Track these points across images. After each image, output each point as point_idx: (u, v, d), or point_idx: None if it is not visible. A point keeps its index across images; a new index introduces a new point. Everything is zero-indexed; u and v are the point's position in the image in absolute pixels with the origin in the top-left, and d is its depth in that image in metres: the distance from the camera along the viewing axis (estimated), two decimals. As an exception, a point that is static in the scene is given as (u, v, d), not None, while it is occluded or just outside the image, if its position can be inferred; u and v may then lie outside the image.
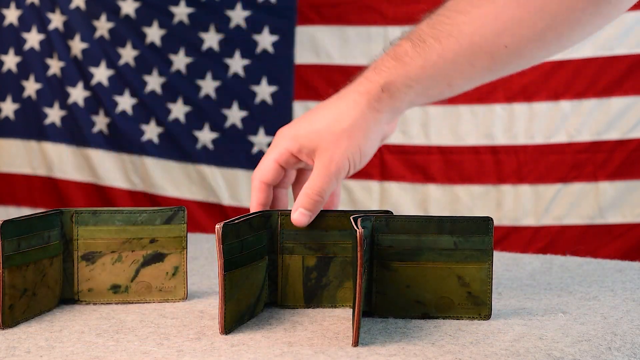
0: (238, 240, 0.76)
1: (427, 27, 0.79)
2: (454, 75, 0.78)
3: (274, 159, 0.81)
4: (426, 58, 0.77)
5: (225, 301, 0.73)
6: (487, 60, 0.77)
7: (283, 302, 0.84)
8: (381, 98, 0.78)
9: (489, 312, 0.79)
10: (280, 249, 0.83)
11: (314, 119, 0.80)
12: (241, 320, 0.77)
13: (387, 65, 0.79)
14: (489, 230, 0.78)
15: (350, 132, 0.78)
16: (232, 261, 0.74)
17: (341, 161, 0.78)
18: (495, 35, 0.75)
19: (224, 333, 0.74)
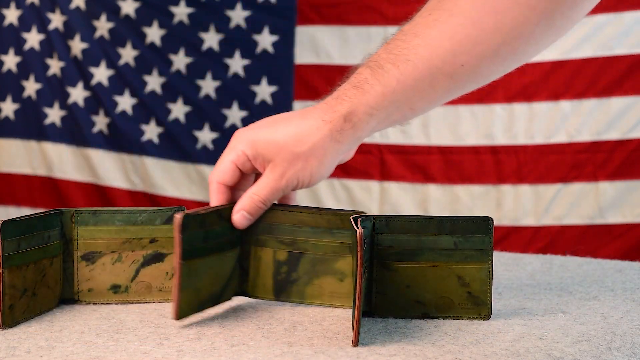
0: (202, 230, 0.77)
1: (384, 53, 0.79)
2: (414, 100, 0.78)
3: (231, 160, 0.81)
4: (385, 84, 0.77)
5: (180, 289, 0.75)
6: (446, 81, 0.77)
7: (253, 293, 0.85)
8: (343, 129, 0.78)
9: (489, 312, 0.79)
10: (253, 240, 0.84)
11: (276, 130, 0.80)
12: (201, 308, 0.79)
13: (349, 94, 0.78)
14: (489, 230, 0.79)
15: (307, 156, 0.78)
16: (192, 250, 0.76)
17: (291, 180, 0.80)
18: (452, 56, 0.75)
19: (177, 319, 0.76)
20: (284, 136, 0.79)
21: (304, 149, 0.78)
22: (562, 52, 2.19)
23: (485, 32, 0.74)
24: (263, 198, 0.81)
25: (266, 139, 0.79)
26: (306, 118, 0.80)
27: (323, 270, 0.83)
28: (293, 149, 0.78)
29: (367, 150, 2.33)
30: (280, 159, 0.79)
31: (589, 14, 2.31)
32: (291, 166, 0.79)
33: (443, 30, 0.76)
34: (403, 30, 0.79)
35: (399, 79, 0.76)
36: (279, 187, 0.80)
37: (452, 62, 0.75)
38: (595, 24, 2.16)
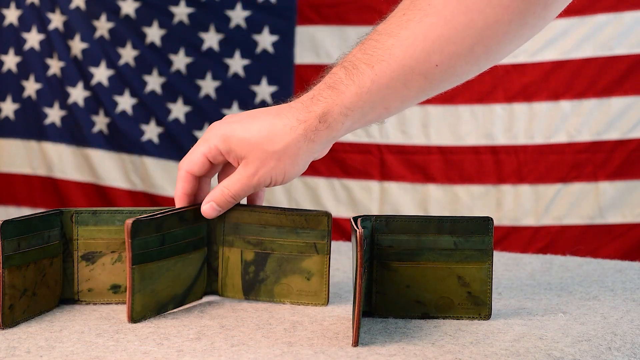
0: (158, 234, 0.79)
1: (359, 53, 0.79)
2: (389, 99, 0.78)
3: (202, 153, 0.82)
4: (360, 85, 0.77)
5: (132, 293, 0.77)
6: (420, 81, 0.77)
7: (223, 292, 0.87)
8: (318, 129, 0.79)
9: (489, 312, 0.79)
10: (221, 240, 0.85)
11: (250, 127, 0.80)
12: (162, 309, 0.81)
13: (324, 94, 0.79)
14: (489, 230, 0.79)
15: (280, 155, 0.79)
16: (146, 255, 0.78)
17: (263, 177, 0.80)
18: (426, 55, 0.76)
19: (130, 322, 0.77)
20: (257, 134, 0.80)
21: (277, 148, 0.79)
22: (562, 52, 2.19)
23: (458, 31, 0.75)
24: (233, 193, 0.82)
25: (240, 135, 0.80)
26: (280, 117, 0.80)
27: (290, 270, 0.85)
28: (266, 147, 0.79)
29: (367, 150, 2.33)
30: (253, 157, 0.80)
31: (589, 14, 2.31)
32: (264, 164, 0.80)
33: (416, 30, 0.76)
34: (377, 30, 0.80)
35: (373, 79, 0.77)
36: (250, 184, 0.81)
37: (426, 62, 0.76)
38: (595, 24, 2.16)
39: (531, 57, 2.19)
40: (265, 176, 0.80)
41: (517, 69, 2.20)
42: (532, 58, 2.19)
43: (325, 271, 0.85)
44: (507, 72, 2.20)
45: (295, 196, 2.37)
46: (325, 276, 0.85)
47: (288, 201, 2.37)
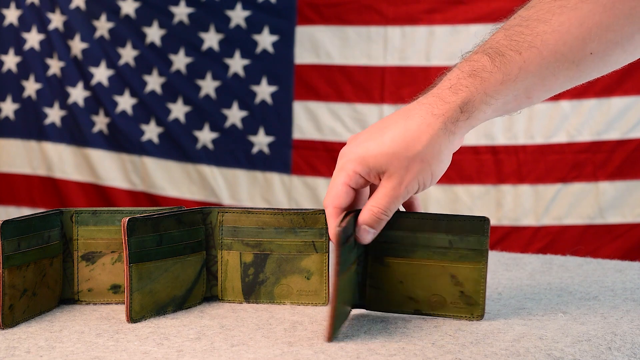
0: (155, 234, 0.79)
1: (504, 39, 0.75)
2: (535, 87, 0.75)
3: (343, 182, 0.76)
4: (506, 72, 0.73)
5: (131, 292, 0.77)
6: (571, 69, 0.74)
7: (223, 296, 0.87)
8: (459, 119, 0.74)
9: (482, 313, 0.79)
10: (219, 244, 0.86)
11: (383, 139, 0.75)
12: (162, 311, 0.81)
13: (464, 83, 0.74)
14: (485, 230, 0.78)
15: (423, 157, 0.74)
16: (143, 254, 0.78)
17: (411, 184, 0.75)
18: (581, 43, 0.72)
19: (129, 321, 0.77)
20: (392, 143, 0.75)
21: (418, 150, 0.74)
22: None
23: (618, 19, 0.71)
24: (383, 209, 0.76)
25: (375, 151, 0.75)
26: (412, 117, 0.75)
27: (289, 270, 0.85)
28: (406, 153, 0.74)
29: (367, 150, 2.32)
30: (395, 168, 0.75)
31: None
32: (408, 172, 0.75)
33: (572, 16, 0.72)
34: (522, 16, 0.75)
35: (521, 67, 0.73)
36: (398, 195, 0.75)
37: (580, 50, 0.72)
38: (595, 24, 2.15)
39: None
40: (413, 183, 0.75)
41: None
42: None
43: (324, 270, 0.85)
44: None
45: (295, 196, 2.37)
46: (324, 275, 0.85)
47: (288, 201, 2.37)
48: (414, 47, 2.25)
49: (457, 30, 2.22)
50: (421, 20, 2.24)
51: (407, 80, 2.26)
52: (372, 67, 2.30)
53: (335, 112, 2.33)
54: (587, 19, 0.72)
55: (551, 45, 0.73)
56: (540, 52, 0.73)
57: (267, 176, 2.40)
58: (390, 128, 0.76)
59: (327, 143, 2.34)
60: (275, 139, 2.39)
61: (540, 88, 0.75)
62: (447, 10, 2.23)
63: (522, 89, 0.75)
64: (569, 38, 0.72)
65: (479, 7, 2.19)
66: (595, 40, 0.72)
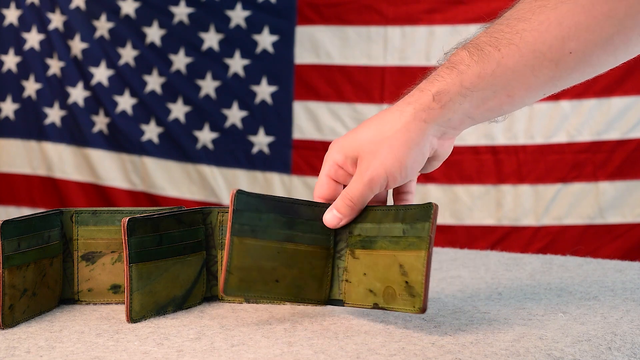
0: (155, 234, 0.79)
1: (485, 36, 0.76)
2: (514, 85, 0.75)
3: (325, 174, 0.80)
4: (483, 66, 0.74)
5: (131, 292, 0.77)
6: (551, 68, 0.74)
7: (223, 297, 0.86)
8: (431, 107, 0.75)
9: (422, 305, 0.72)
10: (219, 244, 0.85)
11: (361, 129, 0.78)
12: (162, 311, 0.80)
13: (441, 74, 0.76)
14: (430, 216, 0.73)
15: (391, 142, 0.75)
16: (143, 254, 0.78)
17: (376, 171, 0.76)
18: (560, 42, 0.73)
19: (129, 321, 0.77)
20: (366, 131, 0.77)
21: (386, 135, 0.75)
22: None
23: (597, 20, 0.72)
24: (351, 196, 0.77)
25: (351, 140, 0.78)
26: (391, 109, 0.77)
27: None
28: (374, 138, 0.76)
29: (367, 150, 2.32)
30: (365, 152, 0.76)
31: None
32: (374, 157, 0.76)
33: (551, 15, 0.73)
34: (505, 16, 0.76)
35: (499, 62, 0.74)
36: (364, 182, 0.76)
37: (559, 48, 0.73)
38: (595, 24, 2.15)
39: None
40: (378, 170, 0.75)
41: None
42: None
43: None
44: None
45: (295, 196, 2.37)
46: None
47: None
48: (414, 47, 2.25)
49: (457, 30, 2.22)
50: (421, 20, 2.24)
51: (407, 80, 2.25)
52: (372, 67, 2.30)
53: (335, 112, 2.33)
54: (566, 19, 0.72)
55: (530, 43, 0.73)
56: (519, 48, 0.74)
57: (267, 176, 2.41)
58: (372, 119, 0.78)
59: (327, 143, 2.33)
60: (275, 139, 2.39)
61: (519, 86, 0.75)
62: (447, 10, 2.23)
63: (501, 85, 0.75)
64: (548, 37, 0.73)
65: (479, 7, 2.19)
66: (574, 40, 0.73)
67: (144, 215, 0.79)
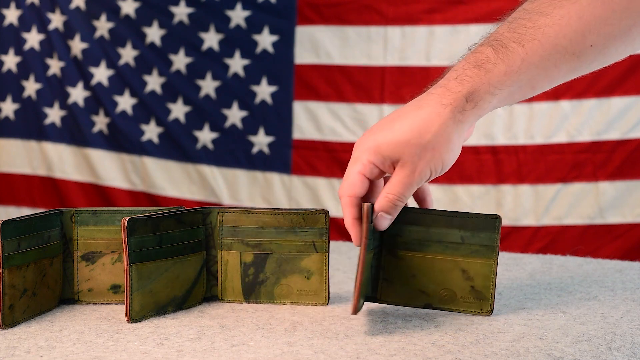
0: (155, 234, 0.79)
1: (507, 32, 0.77)
2: (538, 79, 0.77)
3: (358, 172, 0.79)
4: (509, 64, 0.76)
5: (130, 292, 0.77)
6: (572, 61, 0.76)
7: (223, 296, 0.87)
8: (465, 109, 0.77)
9: (491, 308, 0.80)
10: (219, 244, 0.85)
11: (395, 128, 0.78)
12: (162, 311, 0.81)
13: (469, 74, 0.77)
14: (496, 227, 0.81)
15: (434, 145, 0.77)
16: (143, 254, 0.78)
17: (424, 171, 0.77)
18: (580, 36, 0.74)
19: (129, 321, 0.77)
20: (404, 132, 0.77)
21: (429, 138, 0.77)
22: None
23: (616, 12, 0.73)
24: (398, 195, 0.78)
25: (389, 140, 0.77)
26: (422, 108, 0.78)
27: (289, 270, 0.85)
28: (418, 142, 0.77)
29: (367, 150, 2.32)
30: (408, 155, 0.77)
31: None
32: (421, 159, 0.77)
33: (571, 9, 0.74)
34: (526, 9, 0.77)
35: (523, 58, 0.75)
36: (412, 182, 0.78)
37: (580, 42, 0.75)
38: (595, 24, 2.15)
39: (531, 57, 2.18)
40: (425, 170, 0.77)
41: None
42: None
43: (324, 269, 0.85)
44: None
45: (296, 196, 2.37)
46: (324, 274, 0.85)
47: (288, 201, 2.37)
48: (414, 47, 2.25)
49: (457, 30, 2.22)
50: (421, 20, 2.24)
51: (407, 80, 2.26)
52: (372, 67, 2.30)
53: (335, 112, 2.33)
54: (586, 12, 0.74)
55: (552, 37, 0.75)
56: (541, 44, 0.75)
57: (267, 176, 2.40)
58: (403, 118, 0.78)
59: (327, 143, 2.34)
60: (275, 139, 2.39)
61: (544, 79, 0.77)
62: (447, 10, 2.23)
63: (525, 80, 0.77)
64: (569, 31, 0.75)
65: (479, 7, 2.19)
66: (594, 33, 0.74)
67: (144, 215, 0.79)
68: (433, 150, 0.77)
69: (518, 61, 0.76)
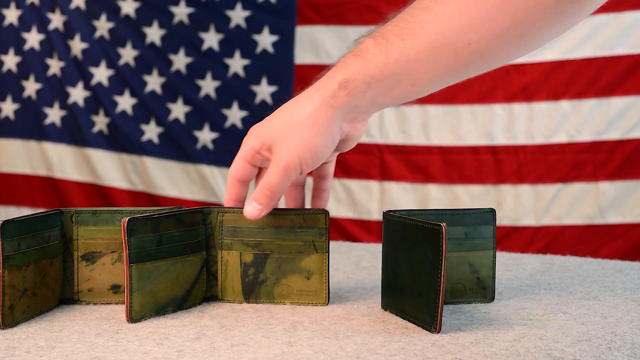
0: (155, 234, 0.79)
1: (390, 25, 0.78)
2: (416, 75, 0.77)
3: (241, 156, 0.83)
4: (387, 55, 0.77)
5: (130, 292, 0.77)
6: (450, 58, 0.76)
7: (223, 296, 0.87)
8: (337, 94, 0.78)
9: (493, 295, 0.86)
10: (219, 244, 0.85)
11: (276, 116, 0.81)
12: (161, 311, 0.80)
13: (348, 62, 0.79)
14: (493, 220, 0.86)
15: (302, 128, 0.78)
16: (143, 254, 0.78)
17: (290, 158, 0.79)
18: (459, 33, 0.74)
19: (129, 321, 0.77)
20: (280, 118, 0.80)
21: (297, 121, 0.79)
22: (562, 52, 2.19)
23: (494, 11, 0.73)
24: (269, 185, 0.80)
25: (267, 126, 0.81)
26: (300, 96, 0.81)
27: (290, 270, 0.85)
28: (287, 125, 0.79)
29: (367, 150, 2.33)
30: (278, 140, 0.79)
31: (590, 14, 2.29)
32: (286, 144, 0.79)
33: (452, 6, 0.75)
34: (411, 5, 0.78)
35: (402, 51, 0.76)
36: (280, 170, 0.79)
37: (458, 39, 0.75)
38: (596, 24, 2.16)
39: (531, 57, 2.19)
40: (292, 156, 0.78)
41: (517, 69, 2.20)
42: (532, 58, 2.19)
43: (324, 269, 0.85)
44: (507, 72, 2.20)
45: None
46: (324, 275, 0.85)
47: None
48: (414, 47, 2.25)
49: (457, 30, 2.22)
50: (421, 20, 2.24)
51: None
52: (372, 67, 2.30)
53: (335, 112, 2.33)
54: (465, 9, 0.74)
55: (431, 33, 0.75)
56: (420, 38, 0.75)
57: (267, 176, 2.40)
58: (285, 107, 0.81)
59: (327, 143, 2.33)
60: (275, 139, 2.39)
61: (422, 75, 0.77)
62: (447, 10, 2.23)
63: (404, 74, 0.77)
64: (448, 27, 0.75)
65: (479, 7, 2.19)
66: (472, 31, 0.74)
67: (144, 215, 0.79)
68: (300, 133, 0.78)
69: (396, 53, 0.76)
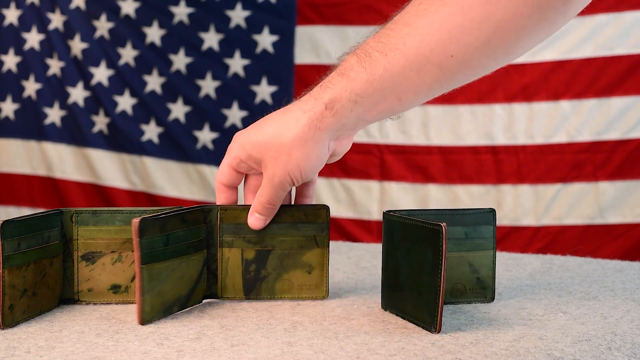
0: (163, 234, 0.79)
1: (373, 41, 0.78)
2: (402, 89, 0.77)
3: (227, 163, 0.84)
4: (371, 72, 0.77)
5: (142, 293, 0.76)
6: (435, 71, 0.76)
7: (223, 294, 0.86)
8: (324, 116, 0.78)
9: (493, 295, 0.86)
10: (219, 242, 0.85)
11: (262, 129, 0.82)
12: (168, 312, 0.80)
13: (333, 82, 0.79)
14: (493, 220, 0.85)
15: (289, 149, 0.79)
16: (153, 254, 0.78)
17: (282, 176, 0.81)
18: (441, 45, 0.75)
19: (142, 324, 0.77)
20: (267, 135, 0.80)
21: (284, 142, 0.79)
22: (562, 52, 2.19)
23: (475, 22, 0.73)
24: (267, 199, 0.83)
25: (252, 140, 0.81)
26: (286, 113, 0.81)
27: (291, 264, 0.86)
28: (275, 145, 0.80)
29: (367, 150, 2.33)
30: (268, 157, 0.81)
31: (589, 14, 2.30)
32: (277, 163, 0.80)
33: (433, 19, 0.75)
34: (393, 20, 0.78)
35: (385, 67, 0.76)
36: (275, 186, 0.82)
37: (441, 52, 0.75)
38: (595, 24, 2.16)
39: (531, 57, 2.19)
40: (283, 174, 0.81)
41: (517, 69, 2.20)
42: (532, 58, 2.19)
43: (325, 264, 0.85)
44: (507, 72, 2.20)
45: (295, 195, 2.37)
46: (325, 269, 0.86)
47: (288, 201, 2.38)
48: (414, 47, 2.25)
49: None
50: (421, 20, 2.24)
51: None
52: (372, 67, 2.30)
53: (335, 112, 2.33)
54: (446, 22, 0.74)
55: (413, 47, 0.75)
56: (403, 53, 0.76)
57: (267, 176, 2.41)
58: (271, 121, 0.82)
59: (327, 143, 2.33)
60: (275, 139, 2.39)
61: (408, 89, 0.77)
62: (447, 10, 2.23)
63: (389, 89, 0.77)
64: (430, 40, 0.75)
65: (479, 7, 2.19)
66: (454, 43, 0.74)
67: (152, 215, 0.78)
68: (289, 155, 0.80)
69: (380, 70, 0.76)
